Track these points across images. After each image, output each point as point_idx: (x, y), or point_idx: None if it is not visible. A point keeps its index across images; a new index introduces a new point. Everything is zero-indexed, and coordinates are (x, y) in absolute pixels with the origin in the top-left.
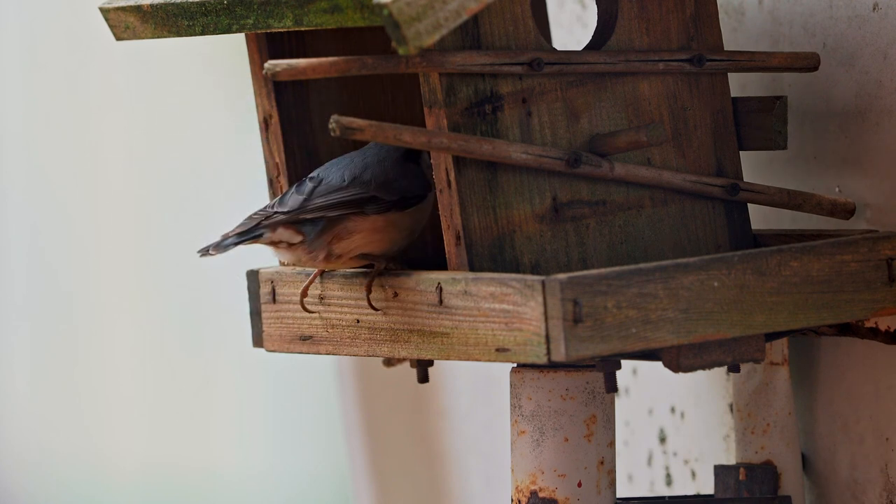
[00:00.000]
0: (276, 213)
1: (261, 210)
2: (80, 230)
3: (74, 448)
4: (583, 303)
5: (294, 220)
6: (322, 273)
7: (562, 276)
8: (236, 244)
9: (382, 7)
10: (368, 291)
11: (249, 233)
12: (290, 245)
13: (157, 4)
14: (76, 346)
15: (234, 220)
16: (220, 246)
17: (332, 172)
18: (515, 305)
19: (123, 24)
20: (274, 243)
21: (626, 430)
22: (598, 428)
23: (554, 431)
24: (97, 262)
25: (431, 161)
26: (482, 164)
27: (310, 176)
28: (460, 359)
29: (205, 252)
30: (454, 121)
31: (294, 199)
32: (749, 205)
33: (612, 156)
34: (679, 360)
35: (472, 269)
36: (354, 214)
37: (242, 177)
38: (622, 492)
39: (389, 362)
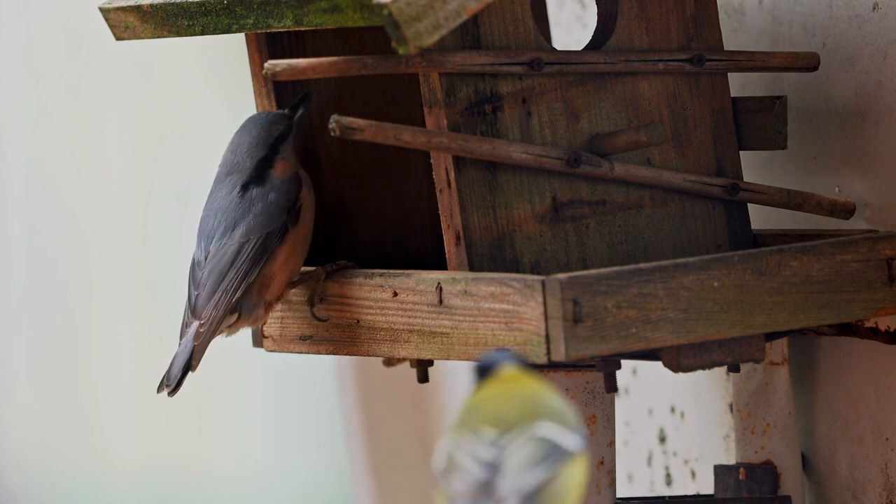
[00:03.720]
0: (199, 327)
1: (184, 327)
2: (80, 230)
3: (75, 447)
4: (583, 303)
5: (225, 311)
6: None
7: (562, 275)
8: (183, 376)
9: (382, 7)
10: (312, 304)
11: (189, 360)
12: (233, 325)
13: (157, 4)
14: (76, 346)
15: None
16: (172, 386)
17: (211, 243)
18: (515, 305)
19: (123, 24)
20: (226, 334)
21: (626, 430)
22: (598, 428)
23: None
24: (98, 263)
25: (431, 161)
26: (482, 164)
27: (195, 262)
28: (460, 359)
29: (162, 389)
30: (454, 120)
31: (203, 300)
32: (749, 205)
33: (612, 156)
34: (679, 360)
35: (472, 269)
36: (266, 261)
37: None
38: (622, 492)
39: (389, 362)
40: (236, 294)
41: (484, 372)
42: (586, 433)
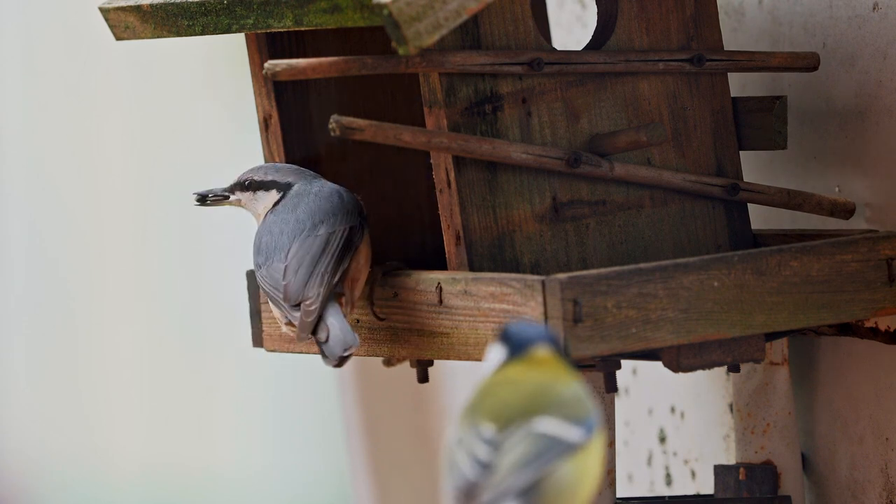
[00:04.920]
0: (308, 304)
1: (287, 323)
2: (80, 231)
3: (75, 447)
4: (583, 303)
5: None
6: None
7: (562, 275)
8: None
9: (382, 7)
10: (372, 304)
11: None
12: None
13: (157, 4)
14: (76, 346)
15: (233, 219)
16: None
17: (293, 243)
18: (515, 305)
19: (123, 24)
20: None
21: (626, 430)
22: None
23: None
24: (98, 263)
25: (431, 161)
26: (482, 164)
27: (267, 268)
28: (460, 359)
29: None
30: (454, 121)
31: (297, 285)
32: (749, 205)
33: (612, 156)
34: (679, 360)
35: (472, 268)
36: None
37: None
38: (622, 492)
39: (389, 362)
40: (335, 277)
41: (515, 348)
42: (602, 421)
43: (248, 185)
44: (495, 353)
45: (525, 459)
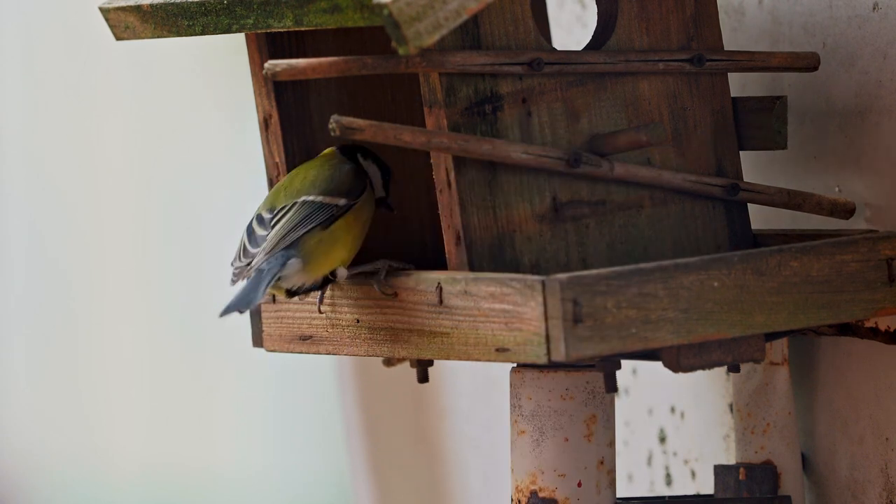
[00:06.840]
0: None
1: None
2: (80, 231)
3: (75, 447)
4: (583, 303)
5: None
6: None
7: (562, 276)
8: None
9: (382, 7)
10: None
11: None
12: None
13: (157, 4)
14: (76, 346)
15: (232, 219)
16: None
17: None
18: (515, 305)
19: (123, 24)
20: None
21: (626, 430)
22: (598, 428)
23: (554, 431)
24: (98, 263)
25: (431, 161)
26: (482, 164)
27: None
28: (460, 359)
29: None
30: (454, 121)
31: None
32: (749, 205)
33: (612, 156)
34: (679, 360)
35: (472, 269)
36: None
37: (242, 177)
38: (622, 492)
39: (389, 362)
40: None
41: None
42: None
43: None
44: None
45: (292, 222)
